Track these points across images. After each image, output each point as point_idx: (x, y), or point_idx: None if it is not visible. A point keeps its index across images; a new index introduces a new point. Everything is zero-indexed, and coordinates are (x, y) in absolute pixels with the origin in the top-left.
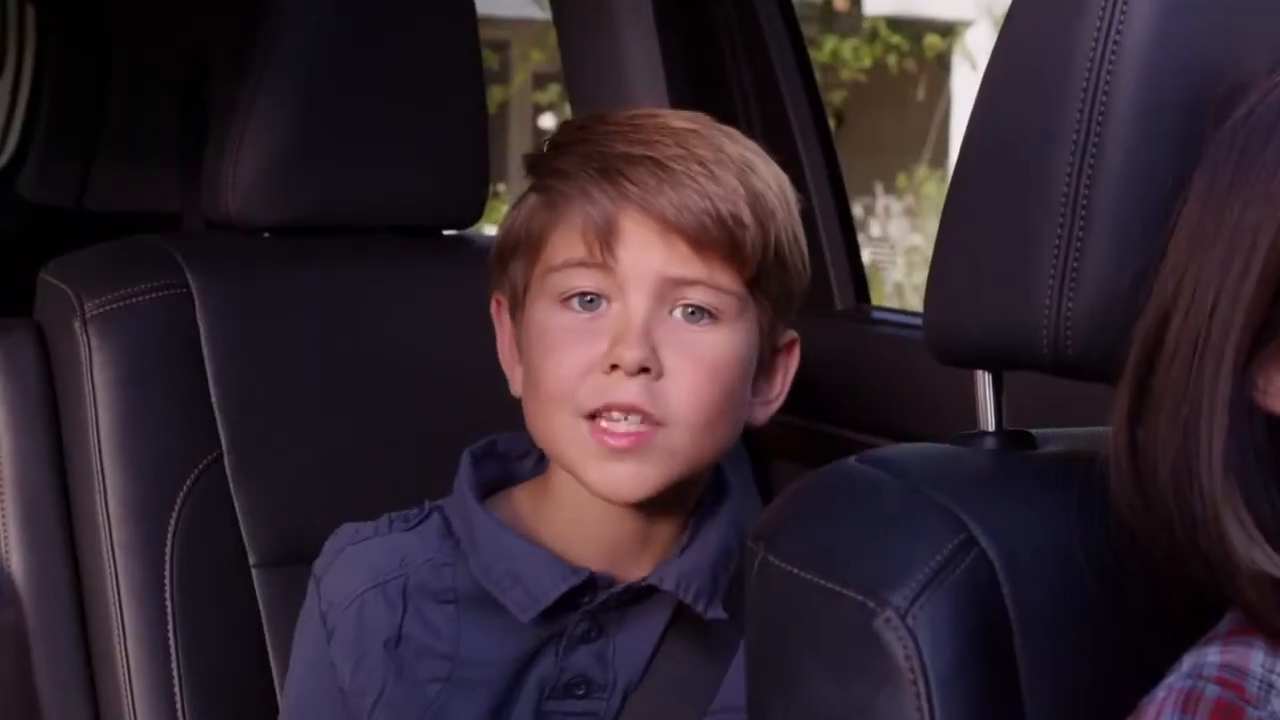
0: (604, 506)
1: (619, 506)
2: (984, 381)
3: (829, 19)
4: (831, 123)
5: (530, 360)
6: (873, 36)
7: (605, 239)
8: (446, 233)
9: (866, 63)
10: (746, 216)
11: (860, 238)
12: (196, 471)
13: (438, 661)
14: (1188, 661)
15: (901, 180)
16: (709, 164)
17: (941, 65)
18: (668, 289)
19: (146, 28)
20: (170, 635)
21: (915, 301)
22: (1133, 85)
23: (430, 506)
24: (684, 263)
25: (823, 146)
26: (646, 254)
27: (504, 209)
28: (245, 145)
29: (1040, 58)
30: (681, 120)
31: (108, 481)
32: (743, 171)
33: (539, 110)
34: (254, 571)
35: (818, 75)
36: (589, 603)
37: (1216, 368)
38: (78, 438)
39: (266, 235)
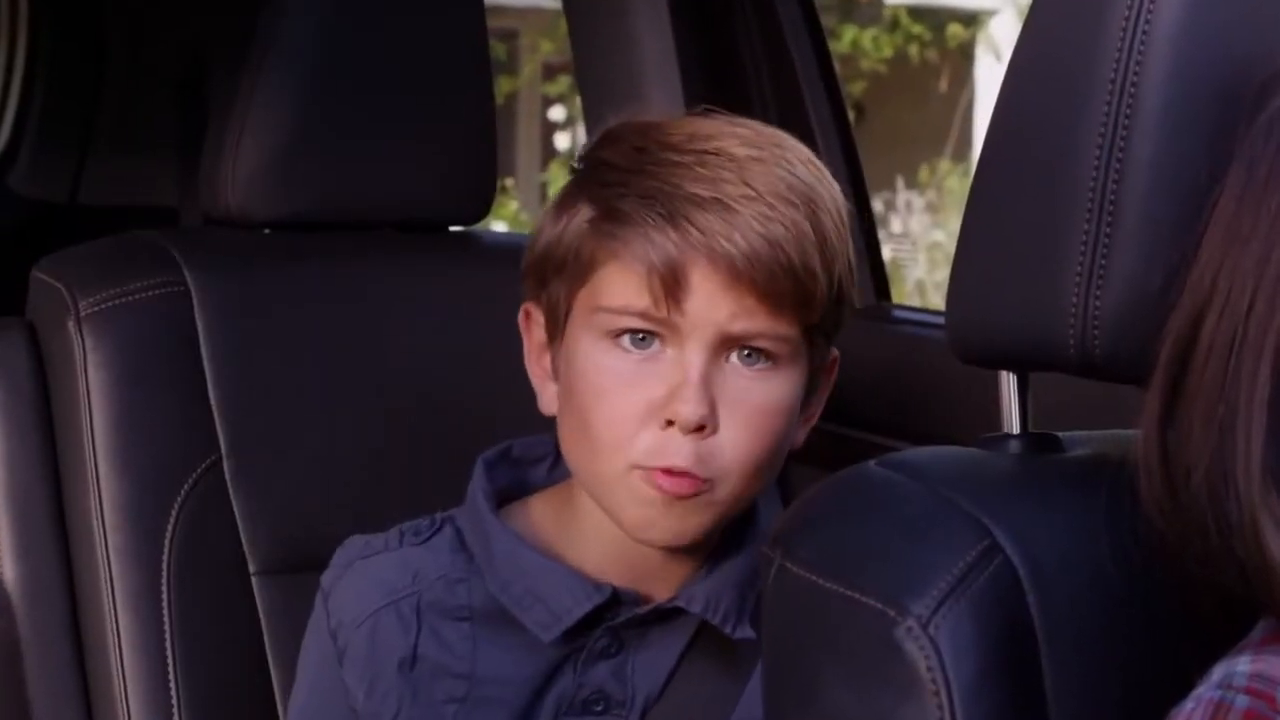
0: None
1: None
2: (1008, 383)
3: (848, 8)
4: (851, 115)
5: (574, 397)
6: (894, 26)
7: (670, 290)
8: (452, 229)
9: (887, 53)
10: (816, 264)
11: (881, 234)
12: (195, 475)
13: (454, 681)
14: (1218, 671)
15: (923, 174)
16: (777, 204)
17: (965, 55)
18: (729, 339)
19: (143, 18)
20: (167, 645)
21: (937, 300)
22: (1162, 75)
23: (442, 518)
24: (750, 316)
25: (842, 139)
26: (712, 307)
27: (511, 204)
28: (245, 138)
29: (1067, 47)
30: (741, 145)
31: (103, 486)
32: (810, 209)
33: (548, 102)
34: (254, 579)
35: (837, 66)
36: (612, 619)
37: (1254, 367)
38: (72, 441)
39: (267, 231)
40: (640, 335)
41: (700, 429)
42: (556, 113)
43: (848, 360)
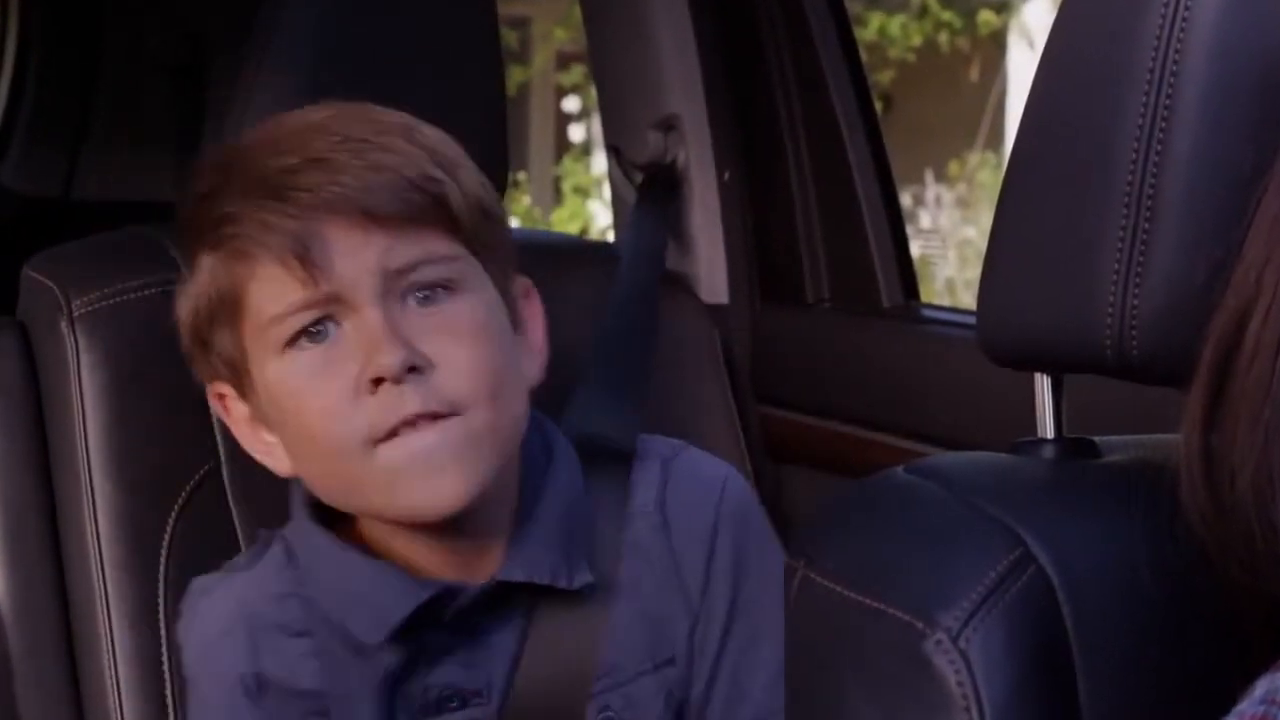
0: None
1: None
2: (1042, 385)
3: None
4: (878, 105)
5: (289, 422)
6: (922, 13)
7: (315, 262)
8: None
9: (916, 41)
10: (435, 170)
11: (909, 230)
12: (192, 483)
13: (305, 699)
14: (1261, 686)
15: (953, 168)
16: (370, 138)
17: (997, 43)
18: (393, 281)
19: (140, 3)
20: (164, 660)
21: (968, 299)
22: (1203, 65)
23: (269, 536)
24: (401, 245)
25: (868, 131)
26: (359, 255)
27: (524, 199)
28: (246, 128)
29: (1103, 36)
30: (320, 114)
31: (97, 494)
32: (408, 131)
33: (562, 93)
34: None
35: (863, 54)
36: (446, 614)
37: None
38: (65, 447)
39: None
40: (314, 331)
41: (412, 370)
42: (571, 104)
43: (875, 361)
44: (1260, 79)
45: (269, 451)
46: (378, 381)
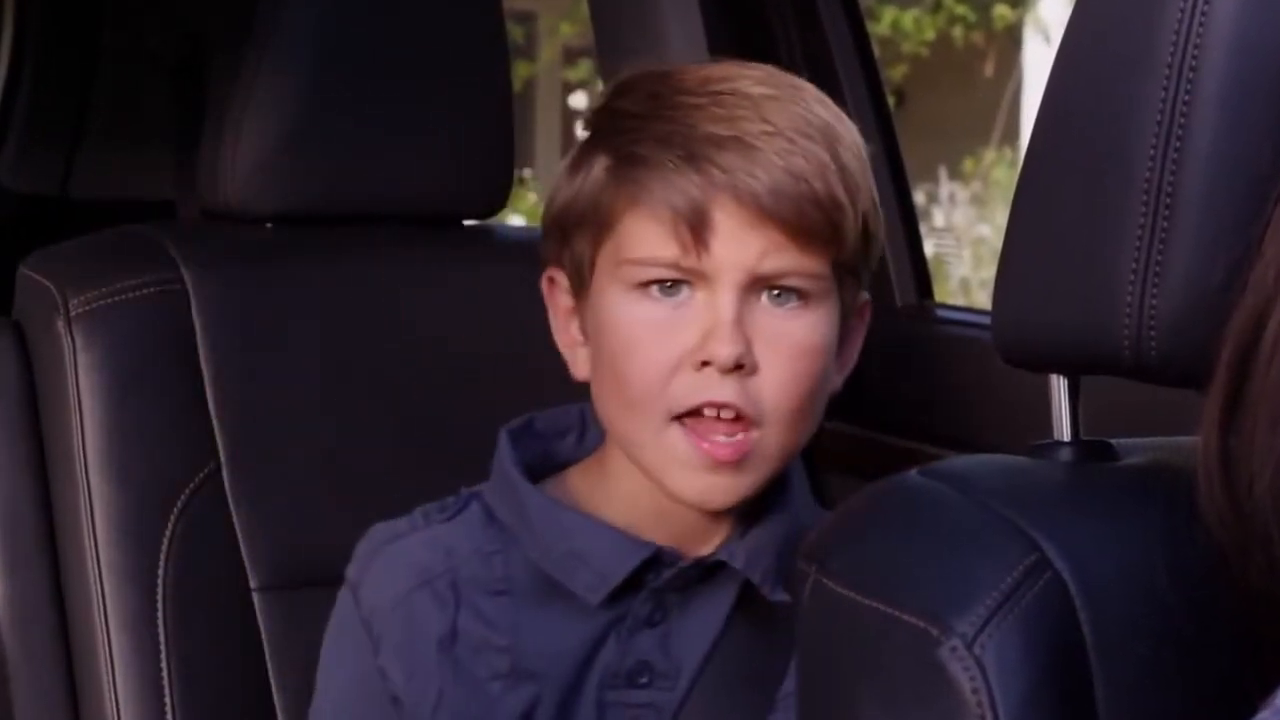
0: None
1: None
2: (1058, 386)
3: None
4: (891, 101)
5: (605, 353)
6: (936, 7)
7: (697, 234)
8: (467, 223)
9: (929, 35)
10: (841, 195)
11: (922, 228)
12: (192, 486)
13: (497, 656)
14: None
15: (968, 165)
16: (797, 139)
17: (1012, 38)
18: (757, 279)
19: (139, 3)
20: (163, 666)
21: (983, 298)
22: (1223, 59)
23: (467, 494)
24: (779, 253)
25: (881, 127)
26: (741, 246)
27: (530, 197)
28: (246, 126)
29: (1121, 29)
30: (757, 84)
31: (94, 497)
32: (830, 143)
33: (569, 88)
34: (255, 595)
35: (876, 49)
36: (654, 580)
37: None
38: (62, 449)
39: (269, 225)
40: (669, 284)
41: (738, 368)
42: (578, 100)
43: (888, 362)
44: None
45: (573, 350)
46: (705, 363)
